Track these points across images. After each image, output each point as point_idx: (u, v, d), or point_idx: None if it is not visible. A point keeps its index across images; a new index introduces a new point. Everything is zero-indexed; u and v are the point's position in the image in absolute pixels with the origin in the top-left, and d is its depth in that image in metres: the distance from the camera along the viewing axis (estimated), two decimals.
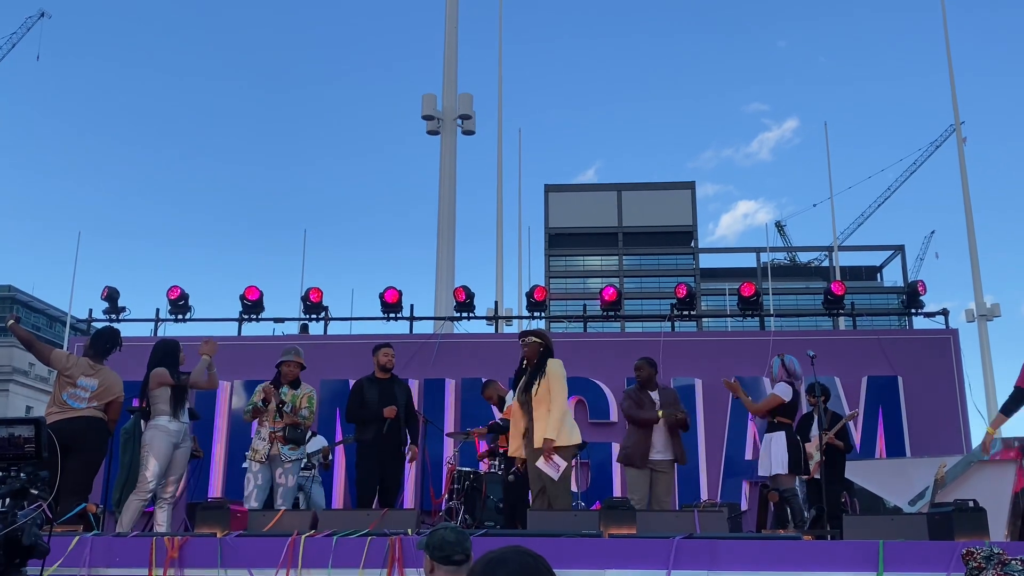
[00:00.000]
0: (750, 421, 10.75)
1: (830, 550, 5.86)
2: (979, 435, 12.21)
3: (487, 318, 14.05)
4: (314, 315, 11.70)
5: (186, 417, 7.61)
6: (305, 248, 22.71)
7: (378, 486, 8.31)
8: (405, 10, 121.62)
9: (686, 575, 5.52)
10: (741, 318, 12.19)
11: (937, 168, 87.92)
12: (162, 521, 7.42)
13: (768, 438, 8.21)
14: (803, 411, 8.79)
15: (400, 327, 11.68)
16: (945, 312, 11.45)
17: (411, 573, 5.62)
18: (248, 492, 7.93)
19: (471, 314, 11.79)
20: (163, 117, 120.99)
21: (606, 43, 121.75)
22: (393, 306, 11.44)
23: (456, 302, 11.72)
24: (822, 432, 8.43)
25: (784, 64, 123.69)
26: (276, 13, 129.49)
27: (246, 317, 11.57)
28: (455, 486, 8.70)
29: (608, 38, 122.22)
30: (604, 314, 11.99)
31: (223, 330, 11.43)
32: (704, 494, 10.48)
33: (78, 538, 5.86)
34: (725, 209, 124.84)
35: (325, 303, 11.63)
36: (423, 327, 11.92)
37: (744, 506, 10.32)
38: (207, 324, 11.70)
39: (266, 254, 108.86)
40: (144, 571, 5.77)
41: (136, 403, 7.96)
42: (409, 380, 10.11)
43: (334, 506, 10.41)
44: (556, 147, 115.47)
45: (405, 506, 9.84)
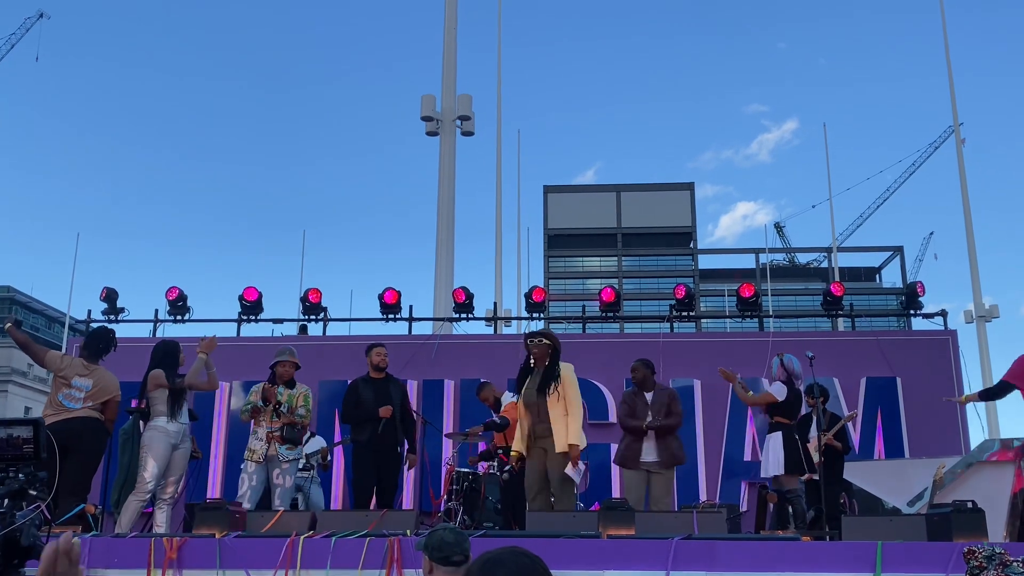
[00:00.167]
0: (749, 422, 10.76)
1: (829, 551, 5.87)
2: (978, 436, 12.28)
3: (486, 319, 14.05)
4: (313, 316, 11.70)
5: (185, 418, 7.60)
6: (304, 248, 22.79)
7: (375, 487, 8.30)
8: (405, 11, 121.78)
9: None
10: (740, 319, 12.22)
11: (936, 169, 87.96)
12: (161, 522, 7.41)
13: (767, 439, 8.26)
14: (802, 411, 8.80)
15: (399, 328, 11.71)
16: (944, 313, 11.48)
17: (410, 574, 5.62)
18: (242, 492, 7.90)
19: (470, 315, 11.80)
20: (163, 117, 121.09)
21: (605, 44, 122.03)
22: (392, 307, 11.44)
23: (455, 303, 11.72)
24: (821, 433, 8.44)
25: (783, 65, 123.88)
26: (276, 13, 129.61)
27: (245, 318, 11.56)
28: (454, 487, 8.69)
29: (607, 39, 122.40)
30: (603, 315, 11.99)
31: (222, 331, 11.40)
32: (703, 495, 10.49)
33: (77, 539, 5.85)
34: (724, 210, 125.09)
35: (324, 304, 11.64)
36: (422, 328, 11.93)
37: (743, 507, 10.32)
38: (206, 325, 11.72)
39: (265, 254, 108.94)
40: (143, 572, 5.78)
41: (135, 404, 7.96)
42: (408, 381, 10.11)
43: (333, 507, 10.41)
44: (555, 148, 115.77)
45: (404, 507, 9.84)
